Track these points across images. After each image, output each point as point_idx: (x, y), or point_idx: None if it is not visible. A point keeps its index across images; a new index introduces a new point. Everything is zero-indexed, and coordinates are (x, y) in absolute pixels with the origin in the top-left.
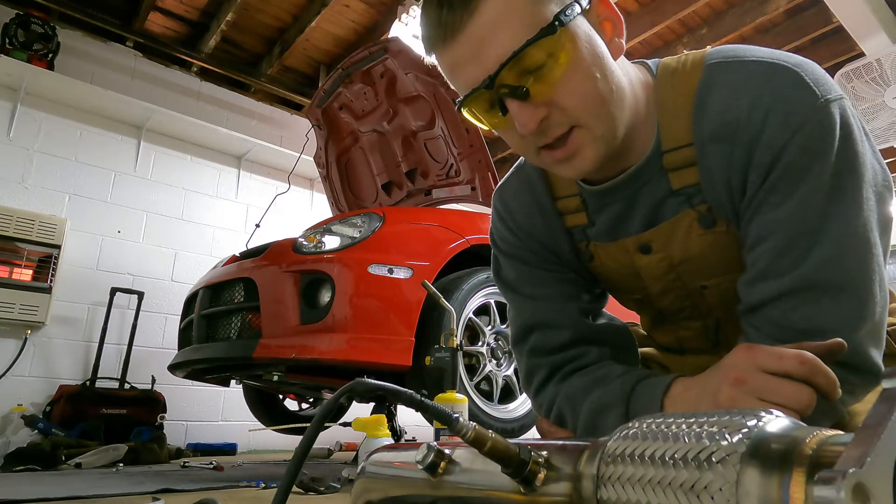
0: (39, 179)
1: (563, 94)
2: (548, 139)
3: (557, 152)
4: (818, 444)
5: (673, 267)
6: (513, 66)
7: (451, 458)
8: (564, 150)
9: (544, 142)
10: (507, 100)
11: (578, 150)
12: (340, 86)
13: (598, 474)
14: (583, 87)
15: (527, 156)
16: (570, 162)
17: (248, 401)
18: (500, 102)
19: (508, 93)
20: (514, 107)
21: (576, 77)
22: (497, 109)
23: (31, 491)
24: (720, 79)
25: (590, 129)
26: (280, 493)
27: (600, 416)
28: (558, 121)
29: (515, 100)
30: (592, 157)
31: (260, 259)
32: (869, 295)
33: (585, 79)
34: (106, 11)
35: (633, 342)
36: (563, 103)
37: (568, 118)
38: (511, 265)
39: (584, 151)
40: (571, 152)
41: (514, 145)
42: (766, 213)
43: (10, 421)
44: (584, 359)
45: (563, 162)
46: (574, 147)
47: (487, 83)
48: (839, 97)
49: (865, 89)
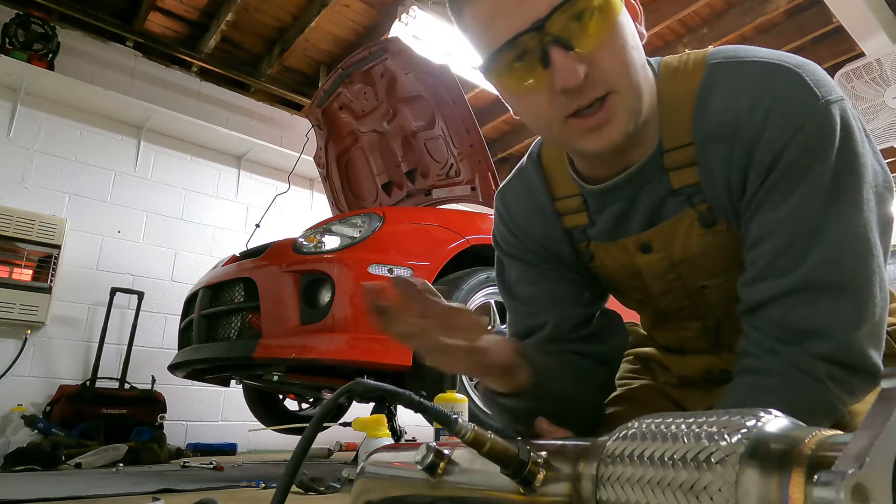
0: (39, 179)
1: (606, 53)
2: (583, 101)
3: (589, 119)
4: (817, 445)
5: (673, 266)
6: (563, 14)
7: (451, 458)
8: (598, 117)
9: (578, 104)
10: (552, 49)
11: (612, 119)
12: (340, 86)
13: (598, 475)
14: (623, 51)
15: (551, 125)
16: (600, 131)
17: (248, 401)
18: (542, 52)
19: (554, 40)
20: (559, 57)
21: (618, 40)
22: (535, 61)
23: (31, 491)
24: (721, 78)
25: (625, 97)
26: (279, 494)
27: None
28: (598, 80)
29: (562, 49)
30: (623, 128)
31: (260, 259)
32: (868, 295)
33: (625, 44)
34: (106, 11)
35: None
36: (604, 63)
37: (606, 80)
38: (513, 265)
39: (617, 120)
40: (605, 119)
41: (539, 113)
42: (765, 213)
43: (10, 421)
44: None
45: (594, 131)
46: (609, 114)
47: (537, 26)
48: (840, 98)
49: (865, 89)
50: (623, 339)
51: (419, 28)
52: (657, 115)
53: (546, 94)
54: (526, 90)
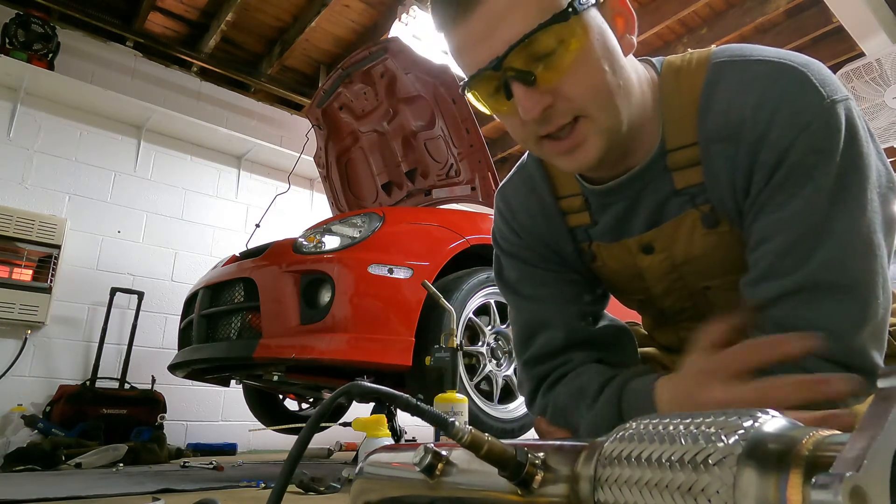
0: (39, 179)
1: (571, 83)
2: (551, 128)
3: (560, 143)
4: (815, 445)
5: (675, 267)
6: (522, 50)
7: (449, 459)
8: (568, 142)
9: (547, 130)
10: (512, 84)
11: (582, 142)
12: (340, 86)
13: (596, 476)
14: (591, 77)
15: (527, 145)
16: (572, 154)
17: (248, 401)
18: (505, 86)
19: (515, 76)
20: (519, 91)
21: (584, 67)
22: (502, 93)
23: (31, 491)
24: (726, 77)
25: (595, 121)
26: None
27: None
28: (563, 109)
29: (521, 84)
30: (595, 150)
31: (260, 259)
32: (871, 296)
33: (594, 70)
34: (106, 11)
35: (630, 340)
36: (569, 93)
37: (573, 108)
38: (513, 265)
39: (588, 143)
40: (575, 143)
41: (515, 133)
42: (769, 213)
43: (10, 421)
44: (567, 365)
45: (566, 154)
46: (578, 138)
47: (495, 65)
48: (845, 98)
49: (865, 89)
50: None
51: (419, 28)
52: (658, 116)
53: (517, 119)
54: (499, 114)
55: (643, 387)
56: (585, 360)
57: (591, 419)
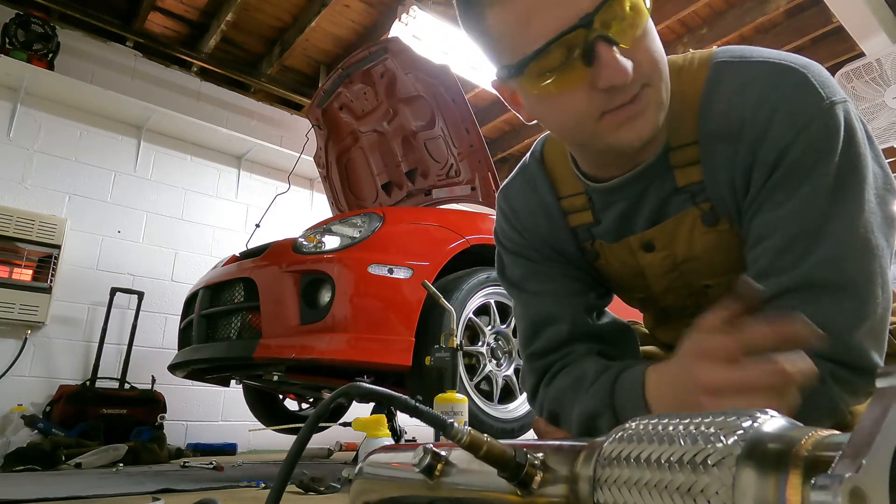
0: (39, 179)
1: (643, 48)
2: (626, 96)
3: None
4: (814, 445)
5: (676, 265)
6: (609, 7)
7: (448, 459)
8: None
9: (622, 99)
10: (600, 46)
11: (644, 110)
12: (340, 86)
13: (595, 476)
14: (657, 46)
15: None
16: (634, 122)
17: (248, 401)
18: (587, 50)
19: (601, 36)
20: (608, 54)
21: (650, 35)
22: (577, 61)
23: (31, 491)
24: (727, 77)
25: (656, 91)
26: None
27: (592, 423)
28: (636, 76)
29: (608, 45)
30: (653, 122)
31: (260, 259)
32: (869, 294)
33: (656, 40)
34: (106, 11)
35: (633, 338)
36: (642, 58)
37: (643, 75)
38: (516, 263)
39: (648, 112)
40: (639, 110)
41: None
42: (768, 212)
43: (10, 421)
44: (569, 357)
45: (628, 122)
46: (641, 105)
47: (586, 21)
48: (843, 100)
49: (865, 89)
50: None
51: (419, 28)
52: None
53: (584, 92)
54: (561, 91)
55: (635, 373)
56: (587, 353)
57: (583, 405)
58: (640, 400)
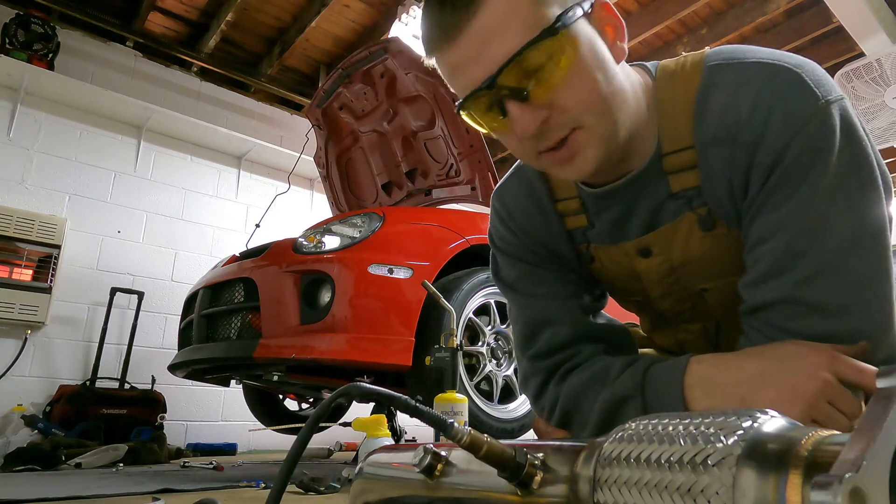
0: (39, 179)
1: (564, 96)
2: (549, 142)
3: (558, 153)
4: (814, 446)
5: (673, 270)
6: (514, 68)
7: (448, 459)
8: (565, 151)
9: (546, 145)
10: (507, 102)
11: (579, 151)
12: (340, 86)
13: (595, 477)
14: (584, 89)
15: (526, 160)
16: (571, 163)
17: (248, 401)
18: (499, 104)
19: (509, 94)
20: (514, 109)
21: (577, 79)
22: (496, 111)
23: (31, 491)
24: (721, 80)
25: (591, 130)
26: (273, 494)
27: (618, 409)
28: (559, 123)
29: (516, 102)
30: (593, 158)
31: (260, 259)
32: (875, 292)
33: (587, 81)
34: (106, 11)
35: (631, 341)
36: (563, 105)
37: (568, 120)
38: (511, 264)
39: (585, 152)
40: (572, 153)
41: (513, 149)
42: (766, 214)
43: (10, 421)
44: (579, 357)
45: (565, 163)
46: (575, 148)
47: (488, 84)
48: (839, 98)
49: (865, 89)
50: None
51: (419, 28)
52: (654, 120)
53: (513, 137)
54: (496, 132)
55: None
56: (597, 352)
57: (609, 393)
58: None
